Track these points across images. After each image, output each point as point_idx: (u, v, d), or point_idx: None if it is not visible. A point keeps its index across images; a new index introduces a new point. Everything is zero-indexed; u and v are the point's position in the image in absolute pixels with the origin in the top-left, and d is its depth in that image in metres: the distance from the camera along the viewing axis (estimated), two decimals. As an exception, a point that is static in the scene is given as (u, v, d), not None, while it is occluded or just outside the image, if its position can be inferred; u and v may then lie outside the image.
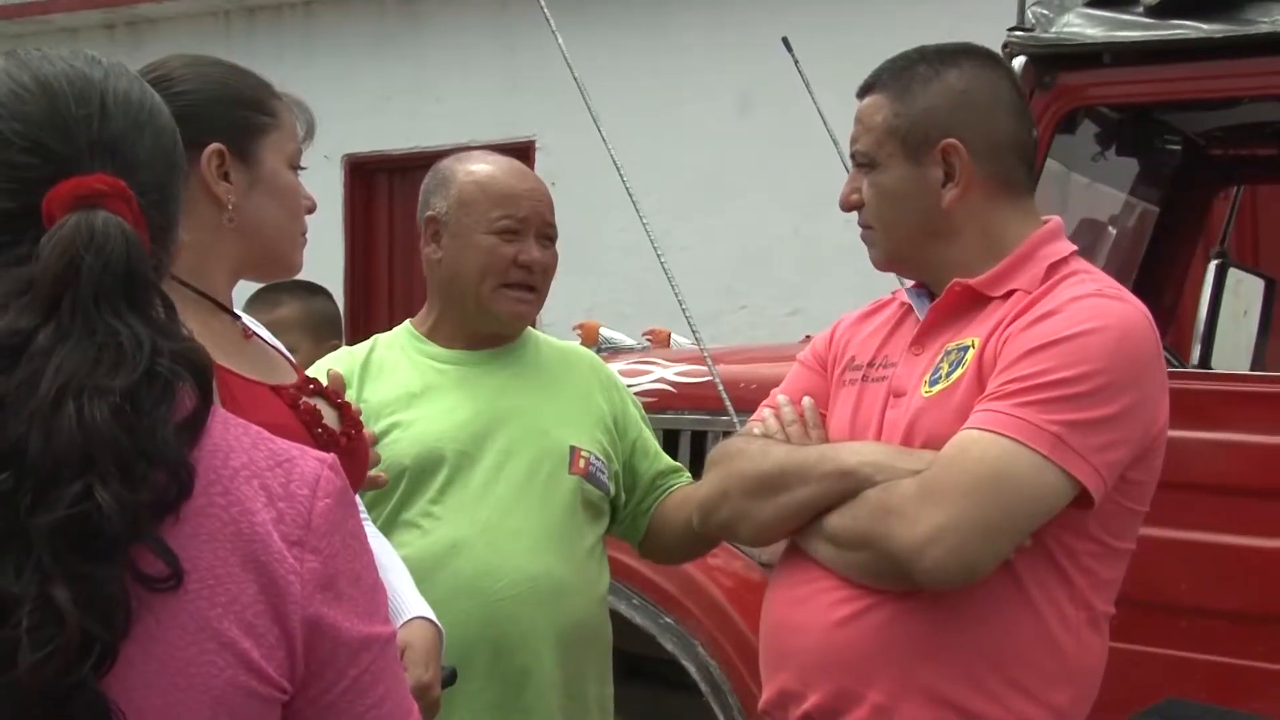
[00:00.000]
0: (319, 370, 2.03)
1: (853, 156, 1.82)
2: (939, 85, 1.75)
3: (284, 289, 3.10)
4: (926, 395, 1.70)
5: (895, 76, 1.78)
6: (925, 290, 1.82)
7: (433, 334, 2.24)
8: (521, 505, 2.12)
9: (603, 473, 2.20)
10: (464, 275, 2.18)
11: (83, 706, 0.86)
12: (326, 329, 3.21)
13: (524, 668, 2.08)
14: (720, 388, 2.87)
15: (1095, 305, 1.65)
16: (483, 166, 2.24)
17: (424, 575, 1.99)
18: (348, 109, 7.81)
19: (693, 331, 2.92)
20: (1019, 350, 1.63)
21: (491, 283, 2.17)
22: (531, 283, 2.19)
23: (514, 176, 2.23)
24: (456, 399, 2.16)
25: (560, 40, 2.78)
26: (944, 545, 1.57)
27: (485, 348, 2.22)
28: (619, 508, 2.27)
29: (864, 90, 1.81)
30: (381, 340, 2.26)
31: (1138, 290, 3.19)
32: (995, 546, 1.59)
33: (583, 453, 2.17)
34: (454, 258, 2.19)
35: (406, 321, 2.29)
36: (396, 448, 2.09)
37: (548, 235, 2.23)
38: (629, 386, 3.26)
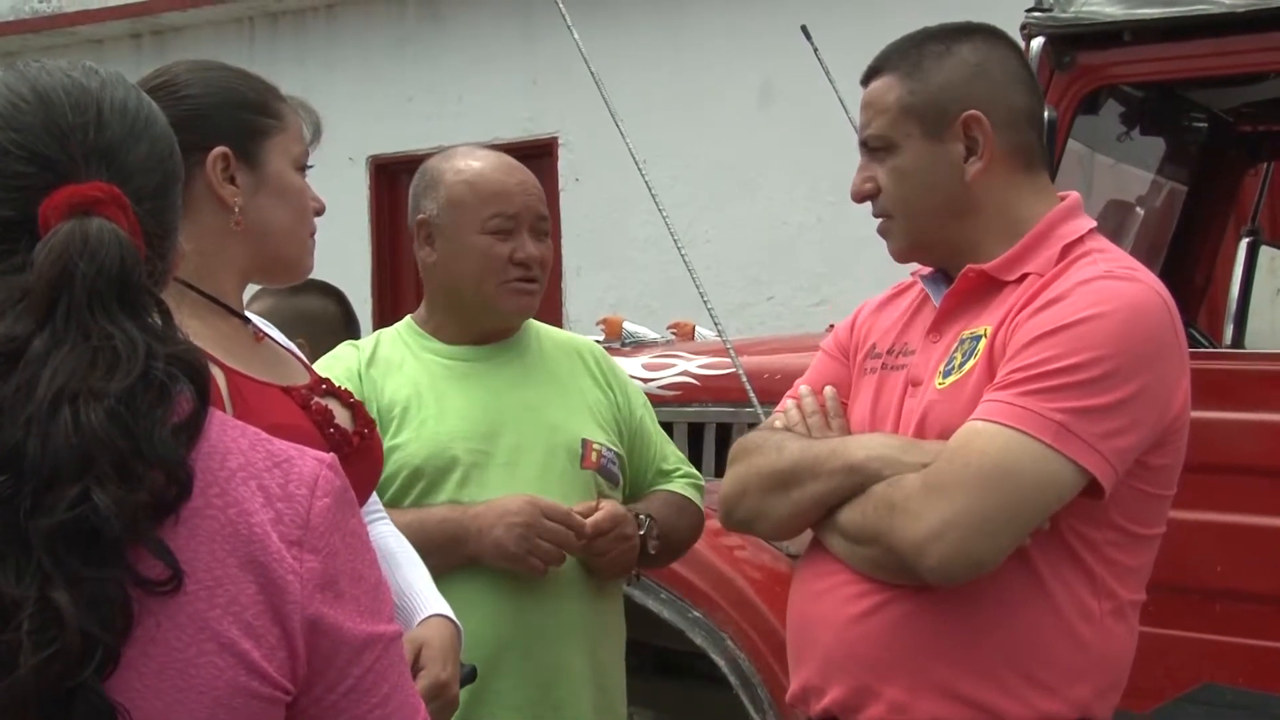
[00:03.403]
0: (324, 366, 2.03)
1: (863, 144, 1.78)
2: (953, 60, 1.72)
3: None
4: (940, 387, 1.68)
5: (904, 56, 1.75)
6: (942, 276, 1.79)
7: (436, 332, 2.21)
8: None
9: (614, 464, 2.19)
10: (462, 278, 2.15)
11: (86, 709, 0.86)
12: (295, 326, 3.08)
13: (555, 664, 2.08)
14: (744, 379, 2.85)
15: (1103, 288, 1.61)
16: (470, 164, 2.18)
17: (449, 574, 1.98)
18: (371, 111, 7.83)
19: (714, 323, 2.91)
20: (1025, 338, 1.60)
21: (491, 282, 2.14)
22: (531, 276, 2.16)
23: (502, 172, 2.18)
24: (465, 397, 2.14)
25: (576, 36, 2.77)
26: (947, 541, 1.54)
27: (489, 342, 2.20)
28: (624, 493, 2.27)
29: (870, 75, 1.77)
30: (385, 336, 2.23)
31: (1167, 271, 3.18)
32: (1000, 540, 1.55)
33: (595, 445, 2.16)
34: (449, 260, 2.15)
35: (408, 318, 2.26)
36: (408, 449, 2.07)
37: (541, 229, 2.19)
38: (653, 380, 3.26)
